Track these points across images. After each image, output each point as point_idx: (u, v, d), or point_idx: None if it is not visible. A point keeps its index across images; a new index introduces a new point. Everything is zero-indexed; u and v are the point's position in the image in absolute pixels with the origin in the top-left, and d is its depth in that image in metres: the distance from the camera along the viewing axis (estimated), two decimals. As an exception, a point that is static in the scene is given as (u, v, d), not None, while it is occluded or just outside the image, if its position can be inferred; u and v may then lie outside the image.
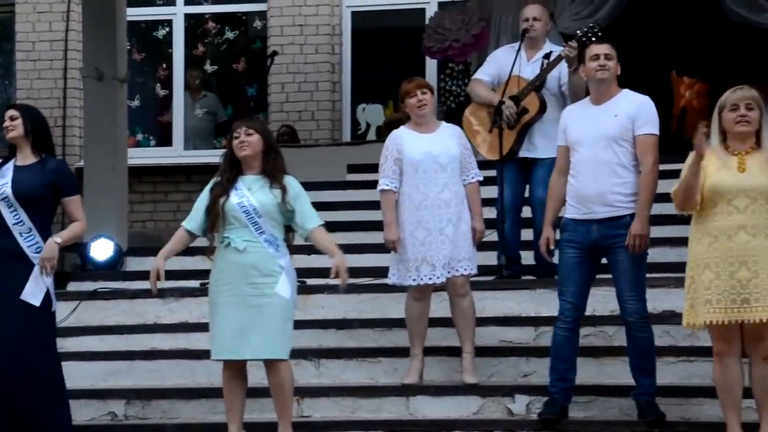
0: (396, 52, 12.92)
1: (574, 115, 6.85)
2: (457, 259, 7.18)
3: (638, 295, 6.62)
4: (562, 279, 6.76)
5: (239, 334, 6.40)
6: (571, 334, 6.73)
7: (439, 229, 7.15)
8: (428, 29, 11.58)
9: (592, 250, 6.68)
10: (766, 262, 5.98)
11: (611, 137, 6.62)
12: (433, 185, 7.18)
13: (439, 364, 7.45)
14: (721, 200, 6.07)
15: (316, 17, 13.09)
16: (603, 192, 6.60)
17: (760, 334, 6.04)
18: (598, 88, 6.74)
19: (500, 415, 7.09)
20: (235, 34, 13.79)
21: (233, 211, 6.43)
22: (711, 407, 6.63)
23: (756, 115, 6.11)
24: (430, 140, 7.26)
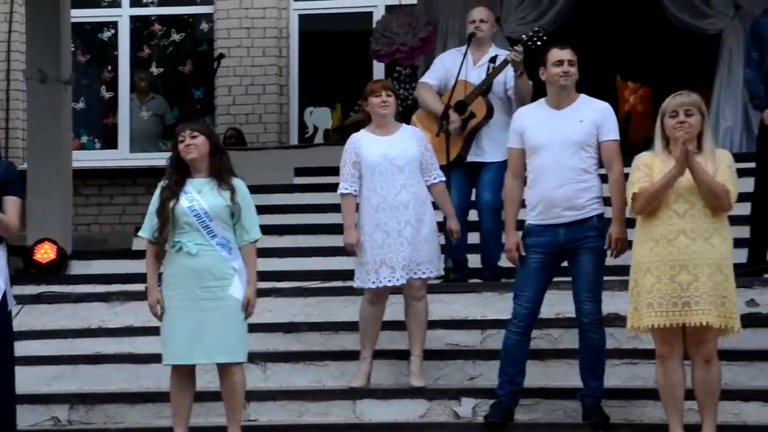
0: (343, 56, 12.94)
1: (532, 119, 6.79)
2: (417, 261, 7.19)
3: (595, 297, 6.68)
4: (521, 284, 6.76)
5: (193, 338, 6.37)
6: (523, 338, 6.76)
7: (398, 231, 7.16)
8: (376, 33, 11.61)
9: (557, 253, 6.71)
10: (705, 266, 6.05)
11: (577, 143, 6.65)
12: (390, 187, 7.19)
13: (387, 367, 7.46)
14: (662, 204, 6.13)
15: (263, 20, 13.07)
16: (570, 196, 6.63)
17: (701, 336, 6.11)
18: (560, 93, 6.74)
19: (447, 418, 7.11)
20: (182, 37, 13.74)
21: (184, 216, 6.38)
22: (654, 409, 6.68)
23: (695, 121, 6.15)
24: (387, 143, 7.28)
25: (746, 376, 7.04)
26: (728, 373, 6.58)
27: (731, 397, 6.66)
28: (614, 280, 7.42)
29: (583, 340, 6.73)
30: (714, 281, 6.05)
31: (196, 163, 6.46)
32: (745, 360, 7.06)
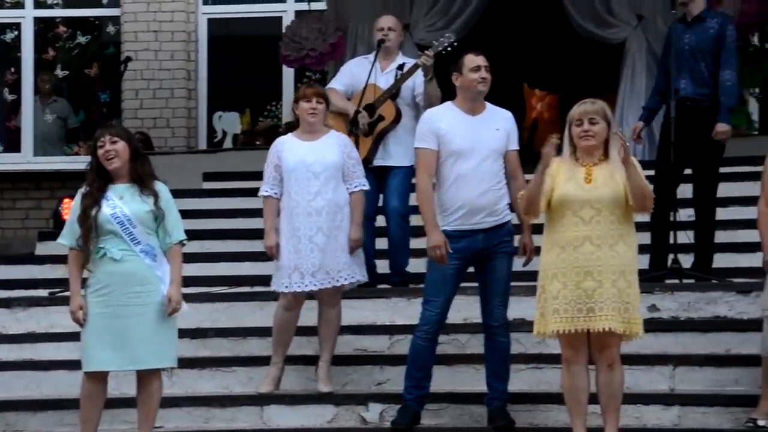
0: (253, 60, 12.90)
1: (450, 123, 6.75)
2: (336, 269, 7.19)
3: (504, 302, 6.77)
4: (434, 290, 6.77)
5: (118, 344, 6.30)
6: (431, 344, 6.79)
7: (309, 237, 7.16)
8: (285, 38, 11.59)
9: (474, 259, 6.75)
10: (610, 273, 6.12)
11: (497, 150, 6.73)
12: (304, 193, 7.20)
13: (295, 372, 7.46)
14: (568, 211, 6.19)
15: (171, 23, 12.97)
16: (492, 203, 6.70)
17: (605, 342, 6.17)
18: (476, 99, 6.78)
19: (354, 423, 7.13)
20: (88, 39, 13.60)
21: (107, 223, 6.30)
22: (558, 413, 6.75)
23: (600, 129, 6.21)
24: (309, 148, 7.28)
25: (647, 380, 7.15)
26: (630, 377, 6.67)
27: (633, 401, 6.75)
28: (521, 285, 7.46)
29: (491, 344, 6.78)
30: (618, 288, 6.12)
31: (118, 169, 6.41)
32: (647, 364, 7.17)
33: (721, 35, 8.17)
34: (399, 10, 10.86)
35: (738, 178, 9.35)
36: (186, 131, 12.83)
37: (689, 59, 8.19)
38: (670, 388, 7.16)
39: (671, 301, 7.69)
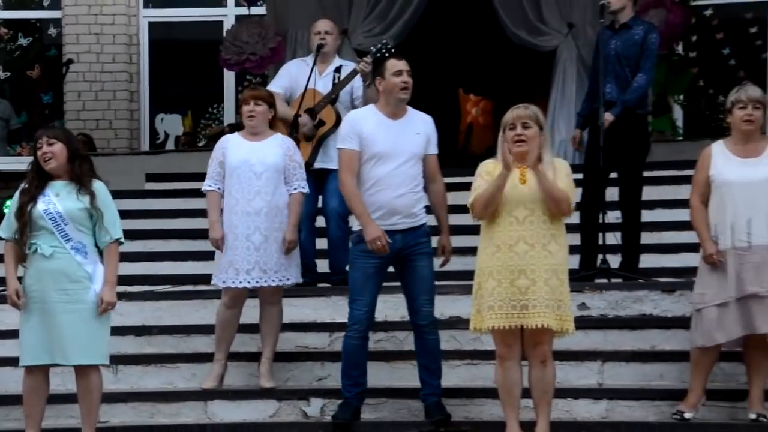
0: (194, 63, 12.85)
1: (372, 126, 6.79)
2: (273, 269, 7.23)
3: (431, 300, 6.81)
4: (358, 289, 6.81)
5: (49, 339, 6.34)
6: (362, 342, 6.84)
7: (246, 235, 7.19)
8: (226, 42, 11.57)
9: (392, 258, 6.78)
10: (542, 271, 6.21)
11: (416, 154, 6.78)
12: (245, 192, 7.22)
13: (238, 369, 7.50)
14: (504, 211, 6.26)
15: (112, 26, 12.87)
16: (409, 204, 6.76)
17: (538, 338, 6.26)
18: (399, 103, 6.82)
19: (296, 417, 7.16)
20: (29, 41, 13.48)
21: (40, 219, 6.34)
22: (492, 407, 6.82)
23: (532, 133, 6.27)
24: (252, 148, 7.30)
25: (577, 375, 7.23)
26: (561, 372, 6.72)
27: (563, 395, 6.85)
28: (456, 284, 7.59)
29: (421, 342, 6.84)
30: (550, 286, 6.21)
31: (54, 170, 6.43)
32: (577, 360, 7.26)
33: (645, 41, 8.30)
34: (337, 16, 10.89)
35: (663, 182, 9.50)
36: (128, 133, 12.75)
37: (615, 65, 8.29)
38: (599, 383, 7.25)
39: (600, 299, 7.80)
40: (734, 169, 6.65)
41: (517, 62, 12.00)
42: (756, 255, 6.56)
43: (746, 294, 6.54)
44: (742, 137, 6.74)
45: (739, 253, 6.57)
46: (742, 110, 6.69)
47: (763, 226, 6.56)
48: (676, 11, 10.72)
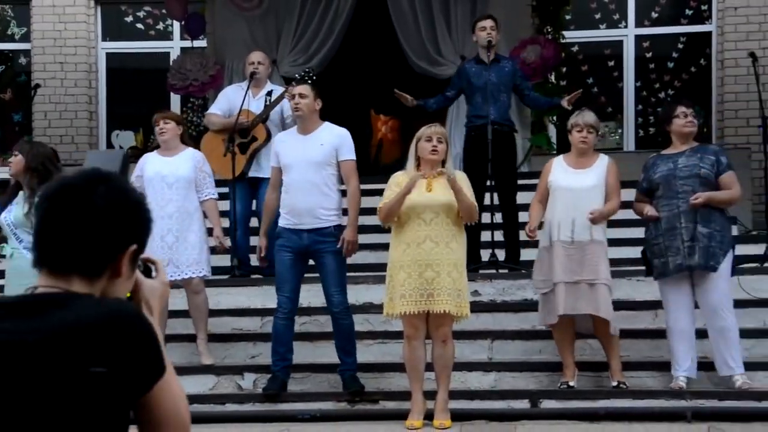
0: (145, 88, 12.65)
1: (284, 142, 6.85)
2: (186, 264, 7.10)
3: (341, 290, 6.71)
4: (280, 278, 6.74)
5: None
6: (289, 323, 6.74)
7: (161, 236, 7.06)
8: (172, 69, 11.41)
9: (303, 253, 6.72)
10: (446, 265, 6.16)
11: (318, 162, 6.69)
12: (160, 199, 7.08)
13: (181, 348, 7.33)
14: (413, 214, 6.22)
15: (75, 56, 12.63)
16: (312, 207, 6.67)
17: (441, 322, 6.22)
18: (300, 122, 6.80)
19: (232, 390, 7.04)
20: (2, 69, 13.14)
21: (3, 225, 6.31)
22: (400, 379, 6.78)
23: (443, 147, 6.28)
24: (165, 162, 7.19)
25: (470, 351, 7.21)
26: (457, 349, 6.64)
27: (459, 369, 6.80)
28: (369, 275, 7.52)
29: (336, 326, 6.76)
30: (452, 278, 6.17)
31: (14, 177, 6.29)
32: (471, 338, 7.24)
33: (515, 72, 8.50)
34: (267, 48, 10.81)
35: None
36: (88, 146, 12.50)
37: (494, 92, 8.32)
38: (489, 358, 7.24)
39: (490, 287, 7.79)
40: (566, 177, 6.76)
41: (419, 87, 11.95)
42: (578, 249, 6.60)
43: (573, 280, 6.58)
44: (577, 153, 6.86)
45: (564, 246, 6.62)
46: (579, 133, 6.82)
47: (584, 225, 6.61)
48: (549, 47, 10.79)
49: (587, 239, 6.62)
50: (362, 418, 6.59)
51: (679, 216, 6.57)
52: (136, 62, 12.98)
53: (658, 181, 6.66)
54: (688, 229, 6.54)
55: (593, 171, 6.78)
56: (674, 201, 6.60)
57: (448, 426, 6.22)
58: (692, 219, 6.54)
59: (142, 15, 12.95)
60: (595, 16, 11.93)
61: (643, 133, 11.77)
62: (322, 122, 6.83)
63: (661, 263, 6.61)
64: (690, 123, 6.74)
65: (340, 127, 6.89)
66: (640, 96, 11.75)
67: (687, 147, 6.74)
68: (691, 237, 6.53)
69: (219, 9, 11.79)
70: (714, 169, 6.60)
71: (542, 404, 6.60)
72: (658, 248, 6.64)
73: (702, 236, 6.52)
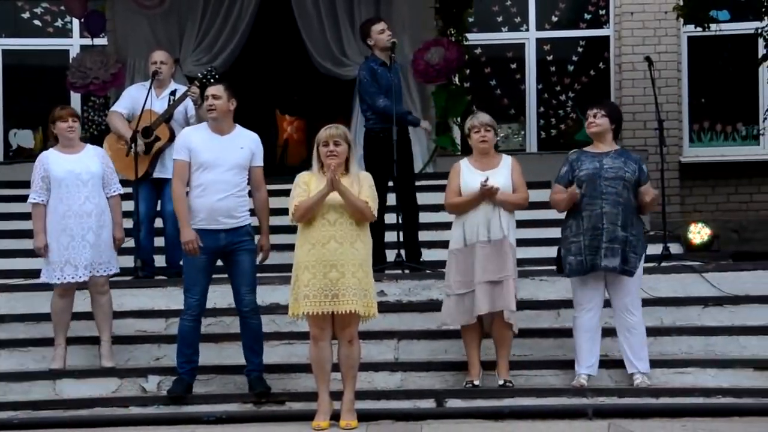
0: (44, 86, 12.35)
1: (199, 140, 6.70)
2: (99, 261, 7.02)
3: (252, 290, 6.68)
4: (191, 281, 6.66)
5: None
6: (196, 324, 6.69)
7: (81, 235, 6.96)
8: (72, 67, 11.18)
9: (218, 254, 6.68)
10: (351, 265, 6.15)
11: (240, 165, 6.65)
12: (75, 198, 6.97)
13: (83, 351, 7.20)
14: (318, 214, 6.19)
15: (-30, 53, 12.31)
16: (231, 207, 6.61)
17: (347, 322, 6.21)
18: (215, 123, 6.71)
19: (136, 392, 6.93)
20: None
21: None
22: (306, 380, 6.74)
23: (342, 149, 6.24)
24: (73, 160, 7.06)
25: (377, 351, 7.22)
26: (364, 349, 6.66)
27: (366, 369, 6.80)
28: (275, 276, 7.48)
29: (244, 326, 6.71)
30: (357, 278, 6.16)
31: None
32: (377, 338, 7.23)
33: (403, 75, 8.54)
34: (170, 47, 10.68)
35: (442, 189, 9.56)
36: (-15, 145, 12.23)
37: (398, 94, 8.38)
38: (395, 358, 7.25)
39: (396, 287, 7.80)
40: (475, 180, 6.78)
41: (324, 88, 11.95)
42: (494, 248, 6.69)
43: (492, 279, 6.66)
44: (479, 154, 6.93)
45: (482, 246, 6.70)
46: (477, 133, 6.89)
47: (498, 225, 6.71)
48: (453, 49, 10.88)
49: (501, 237, 6.69)
50: (269, 420, 6.55)
51: (601, 216, 6.67)
52: (34, 59, 12.68)
53: (583, 179, 6.72)
54: (609, 230, 6.65)
55: (500, 172, 6.84)
56: (598, 201, 6.69)
57: (354, 426, 6.20)
58: (614, 221, 6.65)
59: (39, 11, 12.66)
60: (497, 18, 12.08)
61: (545, 135, 11.95)
62: (235, 124, 6.78)
63: (577, 261, 6.70)
64: (592, 123, 6.86)
65: (250, 131, 6.84)
66: (542, 98, 11.94)
67: (610, 148, 6.84)
68: (611, 239, 6.64)
69: (119, 7, 11.59)
70: (635, 175, 6.73)
71: (448, 403, 6.64)
72: (576, 246, 6.71)
73: (621, 240, 6.64)
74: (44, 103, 11.40)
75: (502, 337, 6.78)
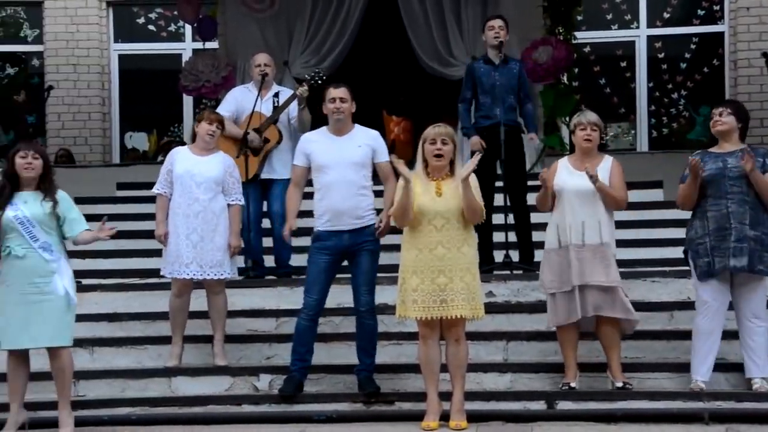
0: (157, 89, 12.69)
1: (317, 143, 6.77)
2: (210, 264, 7.09)
3: (370, 290, 6.71)
4: (312, 281, 6.70)
5: (23, 326, 6.16)
6: (312, 324, 6.74)
7: (186, 234, 7.07)
8: (184, 71, 11.43)
9: (342, 254, 6.71)
10: (458, 270, 6.14)
11: (357, 163, 6.68)
12: (187, 197, 7.10)
13: (197, 350, 7.32)
14: (424, 219, 6.19)
15: (87, 58, 12.71)
16: (353, 207, 6.65)
17: (454, 323, 6.19)
18: (336, 123, 6.76)
19: (248, 391, 7.02)
20: (16, 71, 13.17)
21: (10, 223, 6.20)
22: (415, 380, 6.74)
23: (449, 149, 6.22)
24: (196, 161, 7.17)
25: (486, 352, 7.18)
26: (472, 350, 6.69)
27: (475, 369, 6.77)
28: (384, 276, 7.45)
29: (360, 325, 6.74)
30: (465, 282, 6.14)
31: (30, 180, 6.26)
32: (485, 339, 7.20)
33: (521, 75, 8.38)
34: (279, 50, 10.84)
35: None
36: (102, 148, 12.59)
37: (502, 94, 8.28)
38: (504, 359, 7.20)
39: (504, 288, 7.75)
40: (573, 180, 6.69)
41: (431, 88, 11.96)
42: (588, 251, 6.58)
43: (583, 283, 6.56)
44: (581, 153, 6.79)
45: (576, 249, 6.60)
46: (582, 131, 6.76)
47: (594, 227, 6.59)
48: (561, 48, 10.78)
49: (597, 242, 6.59)
50: (378, 419, 6.57)
51: (728, 216, 6.50)
52: (148, 64, 13.04)
53: (707, 180, 6.57)
54: (737, 230, 6.49)
55: (599, 172, 6.71)
56: (722, 201, 6.53)
57: (464, 427, 6.18)
58: (741, 220, 6.49)
59: (153, 17, 12.99)
60: (606, 16, 11.93)
61: (656, 134, 11.75)
62: (353, 125, 6.84)
63: (706, 263, 6.54)
64: (718, 122, 6.69)
65: (369, 129, 6.88)
66: (652, 96, 11.74)
67: (735, 147, 6.67)
68: (739, 238, 6.47)
69: (230, 11, 11.81)
70: (762, 170, 6.56)
71: (558, 405, 6.56)
72: (702, 248, 6.56)
73: (750, 239, 6.47)
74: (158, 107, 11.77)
75: (611, 340, 6.67)
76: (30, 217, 6.19)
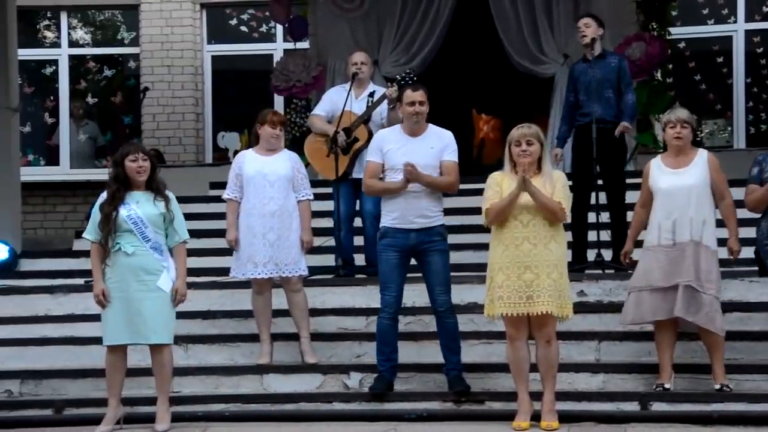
0: (249, 89, 12.84)
1: (391, 142, 6.79)
2: (285, 262, 7.14)
3: (446, 290, 6.70)
4: (385, 278, 6.74)
5: (128, 322, 6.29)
6: (393, 323, 6.75)
7: (262, 234, 7.13)
8: (275, 71, 11.57)
9: (409, 252, 6.72)
10: (545, 266, 6.11)
11: (429, 165, 6.68)
12: (261, 197, 7.16)
13: (288, 347, 7.39)
14: (510, 216, 6.18)
15: (181, 59, 12.91)
16: (423, 207, 6.66)
17: (543, 322, 6.17)
18: (413, 125, 6.77)
19: (338, 389, 7.07)
20: (113, 73, 13.48)
21: (123, 223, 6.32)
22: (506, 380, 6.72)
23: (535, 149, 6.20)
24: (265, 161, 7.24)
25: (577, 352, 7.13)
26: (563, 350, 6.66)
27: (566, 370, 6.73)
28: (473, 275, 7.48)
29: (440, 325, 6.74)
30: (552, 279, 6.11)
31: (141, 182, 6.39)
32: (577, 339, 7.15)
33: (621, 68, 8.27)
34: (369, 49, 10.85)
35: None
36: (195, 148, 12.78)
37: (597, 89, 8.19)
38: (596, 359, 7.13)
39: (596, 287, 7.66)
40: (665, 178, 6.62)
41: (521, 86, 11.89)
42: (678, 251, 6.48)
43: (671, 284, 6.46)
44: (673, 151, 6.70)
45: (665, 249, 6.50)
46: (672, 129, 6.67)
47: (685, 226, 6.48)
48: (655, 44, 10.62)
49: (687, 239, 6.48)
50: (469, 419, 6.57)
51: None
52: (240, 64, 13.20)
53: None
54: None
55: (692, 169, 6.61)
56: None
57: (555, 427, 6.15)
58: None
59: (246, 18, 13.16)
60: (702, 11, 11.70)
61: (755, 131, 11.47)
62: (428, 125, 6.85)
63: None
64: None
65: (444, 129, 6.87)
66: (750, 92, 11.47)
67: None
68: None
69: (321, 11, 11.90)
70: None
71: (652, 407, 6.48)
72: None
73: None
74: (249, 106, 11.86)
75: (712, 341, 6.56)
76: (143, 217, 6.31)
